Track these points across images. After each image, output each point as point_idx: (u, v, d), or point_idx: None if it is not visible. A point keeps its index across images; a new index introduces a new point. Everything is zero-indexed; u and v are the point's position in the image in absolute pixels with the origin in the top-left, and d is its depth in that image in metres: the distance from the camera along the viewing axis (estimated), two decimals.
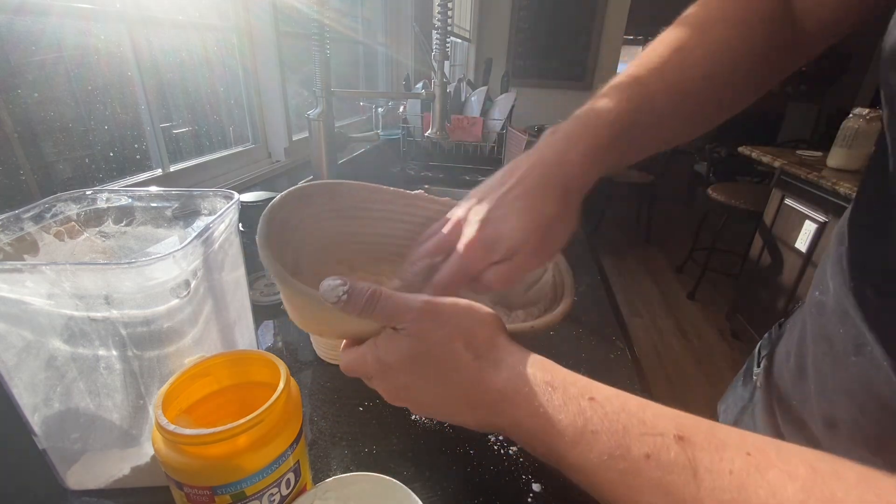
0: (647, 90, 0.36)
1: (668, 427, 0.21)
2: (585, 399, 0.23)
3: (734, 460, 0.19)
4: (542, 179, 0.34)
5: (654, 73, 0.36)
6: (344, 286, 0.26)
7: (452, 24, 1.96)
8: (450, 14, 0.77)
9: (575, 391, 0.24)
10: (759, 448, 0.19)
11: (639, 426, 0.21)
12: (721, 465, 0.19)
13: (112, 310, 0.30)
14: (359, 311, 0.26)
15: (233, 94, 0.93)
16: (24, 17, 0.52)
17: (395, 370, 0.27)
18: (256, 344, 0.50)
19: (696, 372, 2.06)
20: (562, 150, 0.35)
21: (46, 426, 0.33)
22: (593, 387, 0.24)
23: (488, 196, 0.36)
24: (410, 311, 0.27)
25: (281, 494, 0.28)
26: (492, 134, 1.41)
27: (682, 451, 0.20)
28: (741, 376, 0.50)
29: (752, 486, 0.18)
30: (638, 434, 0.21)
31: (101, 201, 0.41)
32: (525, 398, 0.24)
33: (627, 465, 0.21)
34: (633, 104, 0.35)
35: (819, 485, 0.17)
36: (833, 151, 1.70)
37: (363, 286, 0.27)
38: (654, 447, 0.20)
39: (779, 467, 0.18)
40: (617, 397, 0.23)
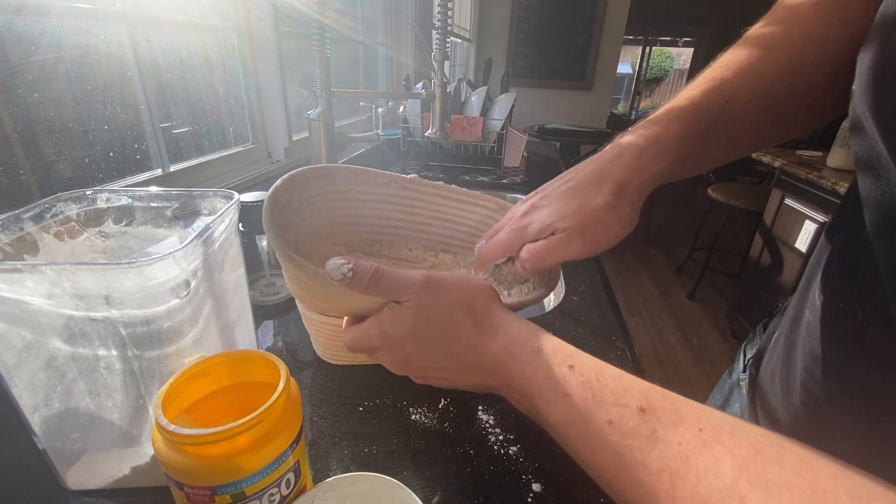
0: (724, 86, 0.35)
1: (634, 399, 0.23)
2: (566, 366, 0.25)
3: (686, 434, 0.20)
4: (596, 173, 0.35)
5: (732, 69, 0.35)
6: (349, 264, 0.28)
7: (452, 24, 1.96)
8: (450, 14, 0.77)
9: (558, 358, 0.26)
10: (712, 425, 0.21)
11: (609, 396, 0.23)
12: (673, 437, 0.21)
13: (112, 310, 0.30)
14: (364, 287, 0.29)
15: (233, 94, 0.93)
16: (24, 17, 0.52)
17: (400, 341, 0.30)
18: (256, 344, 0.50)
19: (696, 372, 2.06)
20: (623, 146, 0.35)
21: (46, 426, 0.33)
22: (575, 355, 0.26)
23: (544, 189, 0.38)
24: (413, 286, 0.29)
25: (281, 494, 0.28)
26: (492, 134, 1.41)
27: (643, 421, 0.22)
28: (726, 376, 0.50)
29: (695, 457, 0.20)
30: (606, 403, 0.23)
31: (101, 201, 0.41)
32: (516, 362, 0.27)
33: (592, 428, 0.23)
34: (709, 99, 0.35)
35: (756, 464, 0.18)
36: (833, 151, 1.70)
37: (367, 264, 0.29)
38: (618, 415, 0.23)
39: (725, 444, 0.19)
40: (594, 368, 0.25)
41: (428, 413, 0.45)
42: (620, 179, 0.34)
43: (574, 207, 0.34)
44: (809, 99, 0.35)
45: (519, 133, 1.45)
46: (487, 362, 0.28)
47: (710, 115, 0.35)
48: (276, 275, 0.69)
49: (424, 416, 0.44)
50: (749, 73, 0.34)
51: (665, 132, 0.34)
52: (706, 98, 0.35)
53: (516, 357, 0.27)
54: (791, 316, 0.36)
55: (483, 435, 0.42)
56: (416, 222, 0.49)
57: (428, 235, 0.50)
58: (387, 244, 0.49)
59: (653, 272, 3.04)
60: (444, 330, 0.29)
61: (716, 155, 0.38)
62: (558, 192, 0.36)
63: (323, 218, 0.43)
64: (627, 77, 9.31)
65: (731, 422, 0.21)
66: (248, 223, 0.64)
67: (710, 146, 0.36)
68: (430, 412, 0.45)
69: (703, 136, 0.35)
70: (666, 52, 9.58)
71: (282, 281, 0.68)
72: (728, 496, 0.18)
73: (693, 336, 2.33)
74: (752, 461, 0.18)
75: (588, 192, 0.34)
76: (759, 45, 0.35)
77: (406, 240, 0.49)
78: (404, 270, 0.30)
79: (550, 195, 0.36)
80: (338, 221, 0.45)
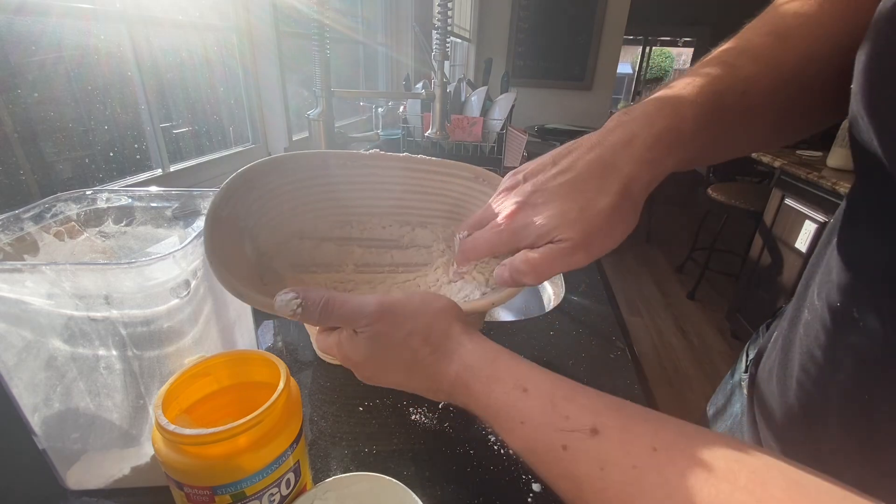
0: (738, 72, 0.30)
1: (587, 421, 0.22)
2: (520, 391, 0.25)
3: (640, 455, 0.20)
4: (599, 165, 0.30)
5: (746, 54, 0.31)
6: (297, 299, 0.28)
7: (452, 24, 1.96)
8: (450, 14, 0.77)
9: (512, 383, 0.25)
10: (667, 444, 0.20)
11: (560, 421, 0.23)
12: (626, 461, 0.20)
13: (112, 310, 0.30)
14: (315, 319, 0.28)
15: (233, 94, 0.93)
16: (24, 17, 0.52)
17: (361, 364, 0.29)
18: (256, 344, 0.50)
19: (696, 372, 2.06)
20: (632, 131, 0.29)
21: (46, 426, 0.33)
22: (530, 377, 0.26)
23: (536, 175, 0.33)
24: (366, 316, 0.28)
25: (281, 494, 0.28)
26: (492, 134, 1.41)
27: (595, 444, 0.22)
28: (729, 376, 0.50)
29: (648, 481, 0.19)
30: (558, 429, 0.23)
31: (101, 201, 0.41)
32: (471, 389, 0.27)
33: (548, 454, 0.23)
34: (723, 84, 0.30)
35: (709, 485, 0.18)
36: (833, 151, 1.70)
37: (316, 296, 0.28)
38: (571, 440, 0.22)
39: (678, 465, 0.19)
40: (548, 389, 0.25)
41: (428, 413, 0.45)
42: (628, 175, 0.29)
43: (576, 211, 0.30)
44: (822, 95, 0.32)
45: (519, 133, 1.46)
46: (446, 386, 0.28)
47: (726, 105, 0.30)
48: None
49: (424, 416, 0.44)
50: (766, 61, 0.31)
51: (682, 121, 0.29)
52: (726, 83, 0.30)
53: (471, 386, 0.27)
54: (790, 315, 0.36)
55: (483, 435, 0.42)
56: (387, 198, 0.45)
57: (401, 210, 0.46)
58: (357, 225, 0.45)
59: (653, 272, 3.04)
60: (401, 357, 0.28)
61: (725, 149, 0.34)
62: (555, 187, 0.31)
63: (279, 213, 0.39)
64: (627, 77, 9.31)
65: (686, 437, 0.21)
66: None
67: (722, 140, 0.32)
68: (430, 412, 0.45)
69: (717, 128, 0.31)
70: (666, 52, 9.58)
71: None
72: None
73: (693, 336, 2.33)
74: (705, 480, 0.18)
75: (590, 189, 0.30)
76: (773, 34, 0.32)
77: (378, 217, 0.45)
78: (359, 297, 0.29)
79: (546, 190, 0.31)
80: (297, 212, 0.41)
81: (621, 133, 0.30)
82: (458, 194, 0.47)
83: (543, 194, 0.31)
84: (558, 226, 0.30)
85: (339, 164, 0.43)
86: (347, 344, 0.29)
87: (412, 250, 0.45)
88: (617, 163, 0.29)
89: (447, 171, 0.46)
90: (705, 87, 0.30)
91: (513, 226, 0.32)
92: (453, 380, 0.27)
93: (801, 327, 0.33)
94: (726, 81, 0.30)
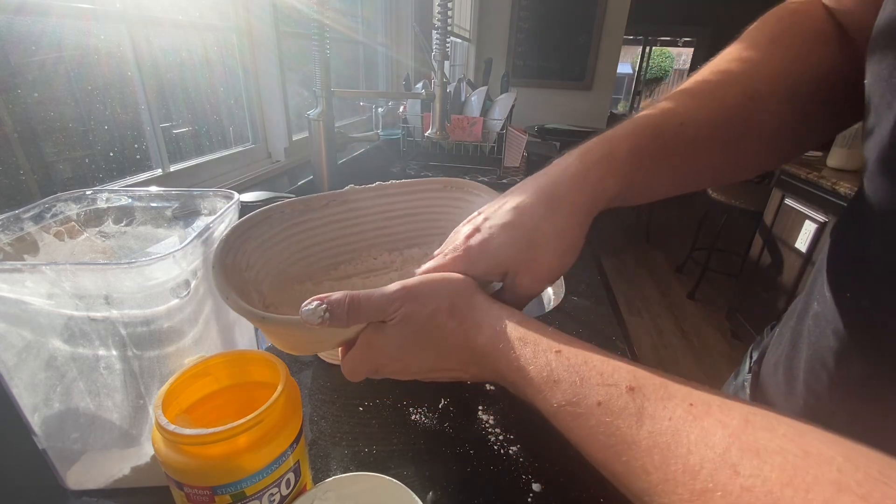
0: (676, 107, 0.33)
1: (623, 379, 0.23)
2: (552, 352, 0.25)
3: (676, 409, 0.20)
4: (543, 191, 0.32)
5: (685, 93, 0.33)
6: (322, 305, 0.28)
7: (452, 24, 1.96)
8: (450, 14, 0.77)
9: (544, 345, 0.26)
10: (703, 400, 0.20)
11: (596, 377, 0.23)
12: (663, 413, 0.21)
13: (112, 310, 0.30)
14: (345, 321, 0.28)
15: (233, 94, 0.93)
16: (24, 17, 0.52)
17: (393, 356, 0.30)
18: (256, 344, 0.50)
19: (696, 372, 2.06)
20: (567, 162, 0.32)
21: (46, 426, 0.33)
22: (562, 340, 0.26)
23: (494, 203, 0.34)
24: (393, 302, 0.29)
25: (281, 494, 0.28)
26: (492, 134, 1.41)
27: (632, 400, 0.22)
28: (733, 378, 0.50)
29: (685, 430, 0.19)
30: (594, 384, 0.23)
31: (101, 201, 0.41)
32: (503, 353, 0.27)
33: (582, 410, 0.23)
34: (661, 118, 0.32)
35: (747, 433, 0.18)
36: (833, 151, 1.70)
37: (339, 297, 0.28)
38: (607, 395, 0.22)
39: (715, 416, 0.19)
40: (581, 351, 0.25)
41: (428, 413, 0.45)
42: (571, 200, 0.31)
43: (524, 241, 0.31)
44: (770, 132, 0.34)
45: (519, 133, 1.46)
46: (478, 357, 0.28)
47: (663, 135, 0.32)
48: None
49: (424, 416, 0.44)
50: (704, 96, 0.33)
51: (616, 148, 0.31)
52: (663, 117, 0.33)
53: (503, 350, 0.27)
54: (799, 309, 0.36)
55: (483, 435, 0.42)
56: (371, 229, 0.48)
57: (387, 237, 0.48)
58: (349, 262, 0.47)
59: (653, 272, 3.04)
60: (431, 336, 0.29)
61: (667, 181, 0.35)
62: (501, 212, 0.32)
63: (276, 263, 0.42)
64: (627, 77, 9.32)
65: (721, 397, 0.21)
66: None
67: (666, 169, 0.33)
68: (430, 412, 0.45)
69: (655, 157, 0.32)
70: (666, 52, 9.59)
71: None
72: (720, 465, 0.18)
73: (693, 336, 2.33)
74: (742, 430, 0.18)
75: (535, 216, 0.31)
76: (714, 73, 0.34)
77: (367, 249, 0.48)
78: (378, 289, 0.29)
79: (494, 216, 0.33)
80: (292, 260, 0.43)
81: (560, 163, 0.33)
82: (433, 207, 0.49)
83: (494, 220, 0.33)
84: (505, 260, 0.32)
85: (321, 206, 0.46)
86: (377, 339, 0.30)
87: (408, 267, 0.47)
88: (556, 188, 0.31)
89: (417, 188, 0.49)
90: (641, 120, 0.33)
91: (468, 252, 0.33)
92: (484, 347, 0.28)
93: (809, 319, 0.33)
94: (664, 116, 0.33)
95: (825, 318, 0.31)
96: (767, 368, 0.40)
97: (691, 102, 0.33)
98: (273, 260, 0.41)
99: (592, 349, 0.25)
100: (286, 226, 0.43)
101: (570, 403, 0.24)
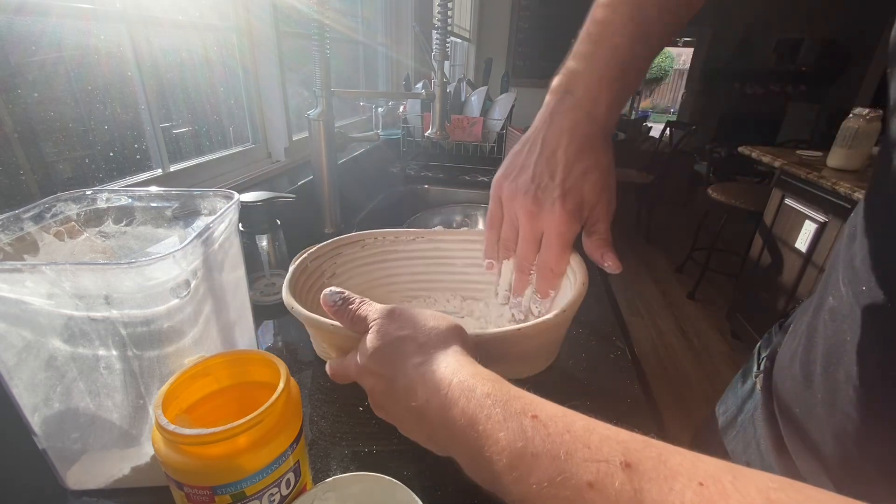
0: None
1: (615, 453, 0.19)
2: (528, 417, 0.21)
3: (685, 492, 0.17)
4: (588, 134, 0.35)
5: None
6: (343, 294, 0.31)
7: (452, 24, 1.96)
8: (450, 14, 0.77)
9: (518, 406, 0.21)
10: (713, 477, 0.17)
11: (583, 451, 0.19)
12: (670, 497, 0.17)
13: (112, 310, 0.30)
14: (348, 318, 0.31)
15: (233, 94, 0.93)
16: (24, 17, 0.52)
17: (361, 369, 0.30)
18: (256, 344, 0.50)
19: (696, 372, 2.06)
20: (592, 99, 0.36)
21: (46, 426, 0.33)
22: (537, 403, 0.22)
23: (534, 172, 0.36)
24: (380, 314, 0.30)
25: (281, 494, 0.28)
26: (492, 134, 1.41)
27: (629, 481, 0.18)
28: (739, 377, 0.50)
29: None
30: (581, 459, 0.19)
31: (101, 201, 0.41)
32: (462, 409, 0.22)
33: (569, 493, 0.19)
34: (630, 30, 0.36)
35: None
36: (833, 151, 1.70)
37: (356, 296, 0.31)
38: (599, 475, 0.18)
39: (734, 499, 0.16)
40: (562, 417, 0.21)
41: None
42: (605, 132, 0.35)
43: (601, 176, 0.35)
44: None
45: (519, 133, 1.45)
46: (434, 410, 0.24)
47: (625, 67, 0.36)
48: (276, 275, 0.69)
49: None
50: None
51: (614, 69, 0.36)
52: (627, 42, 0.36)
53: (461, 404, 0.22)
54: (814, 305, 0.37)
55: None
56: (448, 272, 0.49)
57: (462, 284, 0.50)
58: (424, 299, 0.49)
59: (653, 272, 3.04)
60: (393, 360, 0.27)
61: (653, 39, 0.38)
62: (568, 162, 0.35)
63: (360, 283, 0.45)
64: None
65: (728, 469, 0.18)
66: (248, 223, 0.64)
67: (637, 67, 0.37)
68: None
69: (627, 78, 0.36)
70: (666, 52, 9.58)
71: (282, 281, 0.68)
72: None
73: (693, 336, 2.33)
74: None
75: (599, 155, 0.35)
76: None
77: (442, 292, 0.50)
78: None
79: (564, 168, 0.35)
80: (374, 284, 0.47)
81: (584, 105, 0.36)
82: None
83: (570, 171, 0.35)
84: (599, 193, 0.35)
85: (409, 240, 0.48)
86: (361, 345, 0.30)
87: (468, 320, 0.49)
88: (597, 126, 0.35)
89: None
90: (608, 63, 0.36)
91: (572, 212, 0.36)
92: (441, 396, 0.23)
93: (825, 313, 0.34)
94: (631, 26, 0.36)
95: (841, 313, 0.31)
96: (782, 364, 0.40)
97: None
98: (357, 279, 0.44)
99: (573, 414, 0.21)
100: (376, 251, 0.46)
101: (552, 484, 0.19)
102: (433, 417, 0.24)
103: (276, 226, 0.67)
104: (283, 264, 0.69)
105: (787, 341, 0.41)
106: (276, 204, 0.65)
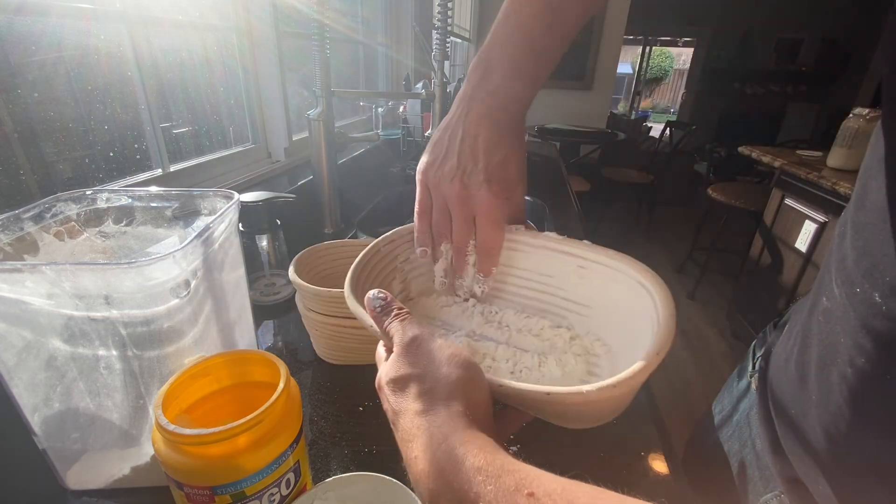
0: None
1: None
2: (522, 495, 0.18)
3: None
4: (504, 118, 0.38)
5: None
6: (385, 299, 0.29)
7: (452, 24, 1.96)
8: (450, 14, 0.77)
9: (511, 483, 0.19)
10: None
11: None
12: None
13: (112, 310, 0.30)
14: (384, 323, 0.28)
15: (233, 94, 0.93)
16: (24, 17, 0.52)
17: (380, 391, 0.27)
18: (256, 344, 0.50)
19: (696, 372, 2.06)
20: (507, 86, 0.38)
21: (46, 426, 0.33)
22: (533, 478, 0.19)
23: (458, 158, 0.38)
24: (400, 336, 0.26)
25: (281, 494, 0.28)
26: None
27: None
28: (735, 376, 0.50)
29: None
30: None
31: (101, 201, 0.41)
32: (447, 482, 0.20)
33: None
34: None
35: None
36: (833, 151, 1.70)
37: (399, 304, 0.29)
38: None
39: None
40: (561, 494, 0.18)
41: None
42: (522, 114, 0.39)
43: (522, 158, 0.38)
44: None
45: None
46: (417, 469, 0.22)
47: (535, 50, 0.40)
48: (276, 275, 0.69)
49: None
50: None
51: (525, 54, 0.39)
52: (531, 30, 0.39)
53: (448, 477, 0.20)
54: (809, 305, 0.37)
55: None
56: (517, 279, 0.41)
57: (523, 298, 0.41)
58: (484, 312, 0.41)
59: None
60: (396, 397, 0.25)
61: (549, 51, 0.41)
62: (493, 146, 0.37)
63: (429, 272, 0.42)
64: (627, 77, 9.31)
65: None
66: (248, 223, 0.64)
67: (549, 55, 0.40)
68: None
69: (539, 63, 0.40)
70: (666, 52, 9.59)
71: (282, 281, 0.68)
72: None
73: (693, 336, 2.33)
74: None
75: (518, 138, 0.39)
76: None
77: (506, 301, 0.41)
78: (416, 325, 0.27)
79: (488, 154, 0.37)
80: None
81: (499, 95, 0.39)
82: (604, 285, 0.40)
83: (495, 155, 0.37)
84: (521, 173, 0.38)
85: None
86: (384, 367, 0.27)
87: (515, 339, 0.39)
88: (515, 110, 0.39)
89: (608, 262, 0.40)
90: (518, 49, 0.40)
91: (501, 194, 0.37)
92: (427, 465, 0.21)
93: (819, 314, 0.34)
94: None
95: (835, 315, 0.31)
96: (777, 364, 0.40)
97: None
98: (426, 266, 0.42)
99: (573, 489, 0.19)
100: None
101: None
102: (422, 477, 0.22)
103: (276, 226, 0.67)
104: (283, 264, 0.69)
105: (783, 342, 0.41)
106: (276, 204, 0.65)
